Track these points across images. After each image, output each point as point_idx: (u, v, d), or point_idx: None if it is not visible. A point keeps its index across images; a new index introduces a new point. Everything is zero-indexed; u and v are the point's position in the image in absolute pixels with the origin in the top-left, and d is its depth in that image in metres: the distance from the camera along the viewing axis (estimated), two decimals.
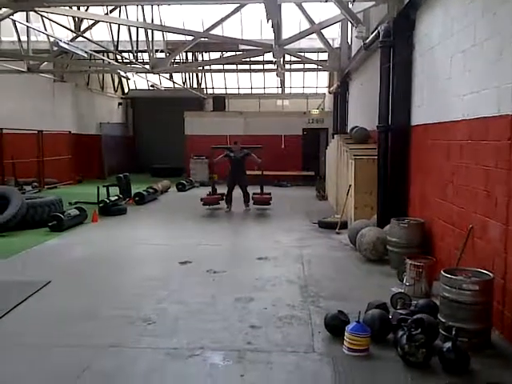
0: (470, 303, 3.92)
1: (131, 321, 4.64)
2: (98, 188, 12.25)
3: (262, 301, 5.23)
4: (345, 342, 3.95)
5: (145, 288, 5.74)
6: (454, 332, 3.65)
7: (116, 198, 11.93)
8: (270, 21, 8.29)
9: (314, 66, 18.89)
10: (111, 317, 4.78)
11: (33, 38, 15.07)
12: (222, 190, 12.39)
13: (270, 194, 12.22)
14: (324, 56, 18.85)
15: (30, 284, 5.74)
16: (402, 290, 5.21)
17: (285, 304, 5.11)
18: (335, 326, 4.23)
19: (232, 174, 11.75)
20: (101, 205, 11.27)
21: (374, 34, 8.11)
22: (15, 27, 14.10)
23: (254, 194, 12.04)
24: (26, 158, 16.03)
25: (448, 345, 3.64)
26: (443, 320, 4.07)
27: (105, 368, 3.73)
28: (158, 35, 15.96)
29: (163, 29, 13.56)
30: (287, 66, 19.77)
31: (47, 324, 4.62)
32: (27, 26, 13.27)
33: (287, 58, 18.57)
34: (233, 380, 3.52)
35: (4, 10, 10.69)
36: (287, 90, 24.61)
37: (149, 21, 14.37)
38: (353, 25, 8.31)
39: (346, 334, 3.95)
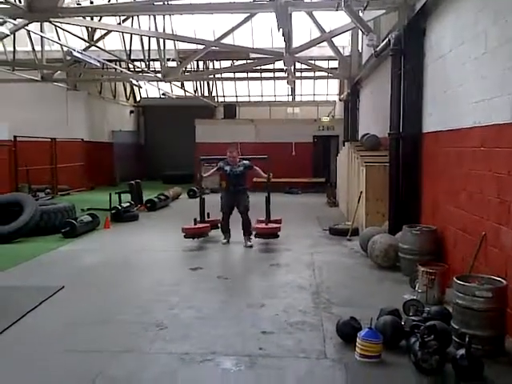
0: (483, 310, 3.90)
1: (144, 326, 4.67)
2: (110, 195, 12.38)
3: (273, 307, 5.24)
4: (357, 349, 3.94)
5: (157, 293, 5.78)
6: (467, 339, 3.62)
7: (128, 204, 12.03)
8: (281, 29, 8.37)
9: (325, 74, 18.98)
10: (124, 322, 4.82)
11: (46, 48, 15.33)
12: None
13: (279, 220, 9.34)
14: (334, 64, 18.91)
15: (43, 289, 5.81)
16: (415, 297, 5.18)
17: (296, 310, 5.12)
18: (347, 332, 4.22)
19: (228, 195, 8.66)
20: (113, 211, 11.37)
21: (384, 41, 8.14)
22: (29, 37, 14.38)
23: (257, 221, 9.10)
24: (39, 165, 16.24)
25: (461, 352, 3.62)
26: (456, 327, 4.05)
27: (118, 373, 3.76)
28: (169, 44, 16.18)
29: (175, 38, 13.74)
30: (298, 74, 19.87)
31: (61, 329, 4.67)
32: (41, 36, 13.55)
33: (298, 65, 18.67)
34: None
35: (19, 20, 10.92)
36: (298, 98, 24.75)
37: (160, 30, 14.55)
38: (363, 33, 8.35)
39: (358, 340, 3.94)
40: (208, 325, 4.77)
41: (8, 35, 11.45)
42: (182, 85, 21.24)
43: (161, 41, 14.43)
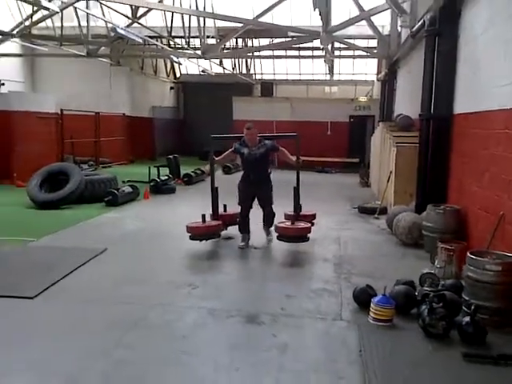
0: (493, 283, 4.15)
1: (178, 285, 5.16)
2: (150, 168, 12.98)
3: (298, 275, 5.64)
4: (370, 313, 4.28)
5: (190, 259, 6.26)
6: (472, 307, 3.90)
7: (166, 177, 12.58)
8: (317, 9, 8.54)
9: (364, 53, 18.82)
10: (160, 281, 5.32)
11: (91, 24, 15.89)
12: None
13: (312, 215, 7.55)
14: (374, 43, 18.73)
15: (89, 250, 6.38)
16: (432, 271, 5.44)
17: (319, 279, 5.48)
18: (363, 298, 4.55)
19: (246, 185, 6.93)
20: (152, 183, 11.96)
21: (420, 22, 8.18)
22: (76, 14, 14.95)
23: (285, 216, 7.25)
24: (82, 138, 17.01)
25: (467, 319, 3.91)
26: (467, 298, 4.32)
27: (156, 321, 4.27)
28: (209, 22, 16.41)
29: (214, 16, 13.98)
30: (336, 53, 19.76)
31: (105, 285, 5.21)
32: (87, 13, 14.08)
33: (336, 44, 18.58)
34: (266, 338, 3.95)
35: None
36: (336, 77, 24.57)
37: (201, 8, 14.81)
38: (397, 14, 8.41)
39: (372, 305, 4.28)
40: (236, 287, 5.23)
41: (57, 12, 12.00)
42: (221, 62, 21.51)
43: (201, 18, 14.71)
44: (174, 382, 3.28)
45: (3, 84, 17.14)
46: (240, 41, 21.55)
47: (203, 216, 6.74)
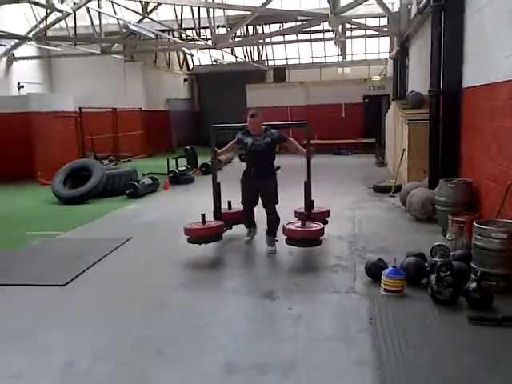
0: (499, 250, 4.30)
1: (199, 268, 5.46)
2: (168, 160, 13.29)
3: (312, 253, 5.83)
4: (382, 285, 4.48)
5: (208, 244, 6.50)
6: (478, 274, 4.07)
7: (184, 168, 12.88)
8: None
9: (375, 32, 18.71)
10: (182, 265, 5.61)
11: (104, 22, 16.19)
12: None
13: (326, 212, 6.72)
14: (385, 21, 18.58)
15: (114, 240, 6.71)
16: (444, 243, 5.58)
17: (333, 255, 5.70)
18: (375, 271, 4.74)
19: (248, 180, 6.22)
20: (171, 175, 12.28)
21: None
22: (88, 13, 15.26)
23: (295, 213, 6.64)
24: (101, 134, 17.43)
25: (473, 285, 4.07)
26: (475, 266, 4.47)
27: (179, 300, 4.57)
28: (218, 11, 16.55)
29: (223, 6, 14.11)
30: (348, 33, 19.66)
31: (132, 270, 5.53)
32: (99, 12, 14.39)
33: (347, 25, 18.50)
34: (282, 311, 4.20)
35: None
36: (348, 58, 24.45)
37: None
38: None
39: (382, 277, 4.48)
40: (253, 267, 5.53)
41: (70, 13, 12.32)
42: (233, 51, 21.63)
43: (210, 9, 14.86)
44: (196, 352, 3.54)
45: (22, 86, 17.69)
46: (250, 28, 21.61)
47: (203, 216, 5.95)
